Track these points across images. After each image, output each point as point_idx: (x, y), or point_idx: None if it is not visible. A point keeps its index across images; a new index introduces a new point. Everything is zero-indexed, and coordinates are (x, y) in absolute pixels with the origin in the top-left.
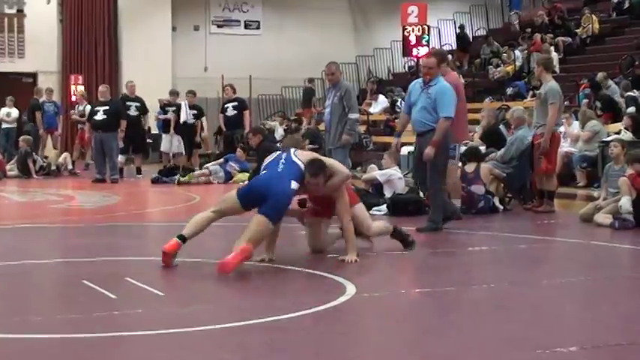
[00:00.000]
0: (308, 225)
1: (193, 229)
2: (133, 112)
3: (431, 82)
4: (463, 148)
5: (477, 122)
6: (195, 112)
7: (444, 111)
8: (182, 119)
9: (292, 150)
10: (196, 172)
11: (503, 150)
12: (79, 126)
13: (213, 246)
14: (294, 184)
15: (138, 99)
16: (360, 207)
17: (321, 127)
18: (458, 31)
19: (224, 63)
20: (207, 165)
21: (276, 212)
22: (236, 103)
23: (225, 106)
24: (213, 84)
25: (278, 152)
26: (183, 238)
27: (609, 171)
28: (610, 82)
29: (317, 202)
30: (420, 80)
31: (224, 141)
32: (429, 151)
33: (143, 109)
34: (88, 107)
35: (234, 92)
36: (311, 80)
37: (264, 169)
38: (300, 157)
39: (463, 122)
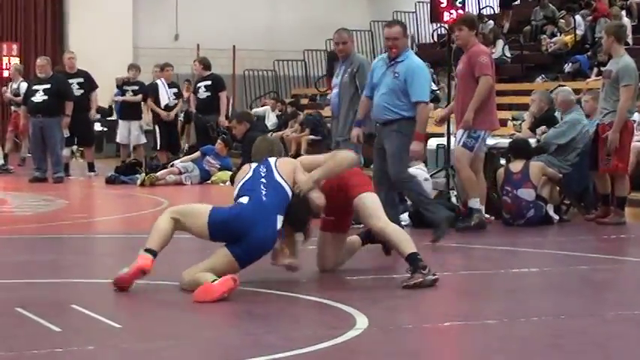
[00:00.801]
0: (319, 240)
1: (161, 241)
2: (74, 91)
3: (398, 57)
4: (493, 140)
5: (525, 108)
6: (175, 90)
7: (417, 94)
8: (162, 102)
9: (272, 161)
10: (160, 172)
11: (554, 131)
12: (13, 108)
13: (180, 263)
14: (279, 221)
15: (81, 73)
16: (371, 196)
17: (326, 112)
18: None
19: (200, 30)
20: (175, 162)
21: (249, 260)
22: (209, 82)
23: (197, 85)
24: (185, 56)
25: (255, 165)
26: (154, 253)
27: None
28: None
29: (331, 211)
30: (384, 56)
31: (196, 130)
32: (415, 147)
33: (89, 86)
34: (24, 85)
35: (207, 68)
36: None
37: (240, 194)
38: (283, 171)
39: (492, 106)
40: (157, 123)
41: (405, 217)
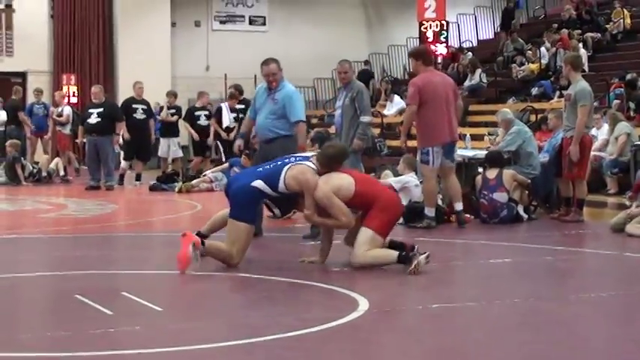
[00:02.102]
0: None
1: (210, 226)
2: (139, 115)
3: (277, 87)
4: (472, 152)
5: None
6: (234, 115)
7: (296, 115)
8: (225, 124)
9: (293, 160)
10: (195, 181)
11: (504, 141)
12: (57, 128)
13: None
14: (258, 183)
15: (145, 101)
16: (365, 232)
17: (332, 129)
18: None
19: (227, 62)
20: (207, 172)
21: (237, 210)
22: (243, 106)
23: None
24: (215, 84)
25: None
26: (201, 235)
27: None
28: None
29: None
30: (264, 85)
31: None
32: None
33: (150, 113)
34: (67, 109)
35: (241, 93)
36: (367, 62)
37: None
38: (290, 178)
39: (441, 123)
40: (217, 139)
41: None
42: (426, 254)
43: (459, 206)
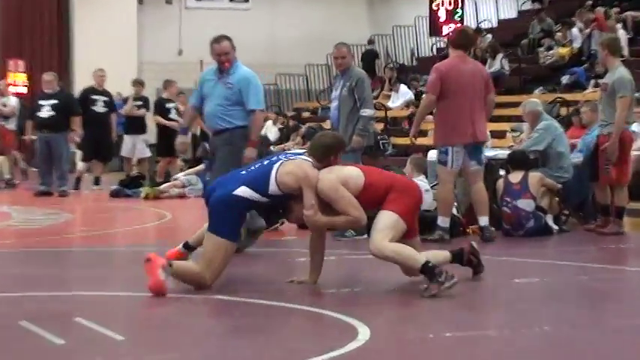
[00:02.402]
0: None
1: (200, 237)
2: (100, 108)
3: (229, 69)
4: (492, 152)
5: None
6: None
7: (253, 103)
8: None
9: (278, 164)
10: (164, 185)
11: (530, 140)
12: (1, 123)
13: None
14: (242, 191)
15: (106, 92)
16: (385, 215)
17: (327, 125)
18: None
19: (203, 45)
20: (179, 175)
21: (217, 224)
22: None
23: None
24: (189, 71)
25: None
26: (188, 246)
27: None
28: None
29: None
30: (213, 68)
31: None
32: (249, 154)
33: (112, 105)
34: (13, 100)
35: None
36: (371, 41)
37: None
38: (282, 175)
39: (464, 119)
40: (204, 140)
41: None
42: (453, 282)
43: (483, 221)
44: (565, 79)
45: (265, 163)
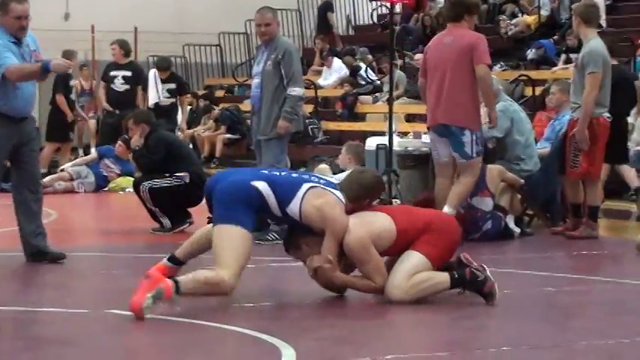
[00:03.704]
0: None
1: (188, 248)
2: None
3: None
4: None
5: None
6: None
7: None
8: (152, 100)
9: (315, 180)
10: (48, 178)
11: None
12: None
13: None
14: (262, 185)
15: None
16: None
17: (245, 106)
18: None
19: (95, 8)
20: (66, 165)
21: (227, 211)
22: (129, 73)
23: (112, 74)
24: (77, 38)
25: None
26: (174, 260)
27: None
28: None
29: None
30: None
31: (105, 129)
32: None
33: None
34: None
35: (127, 55)
36: None
37: None
38: (306, 204)
39: (429, 100)
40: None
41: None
42: (483, 266)
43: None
44: (531, 54)
45: (294, 175)
